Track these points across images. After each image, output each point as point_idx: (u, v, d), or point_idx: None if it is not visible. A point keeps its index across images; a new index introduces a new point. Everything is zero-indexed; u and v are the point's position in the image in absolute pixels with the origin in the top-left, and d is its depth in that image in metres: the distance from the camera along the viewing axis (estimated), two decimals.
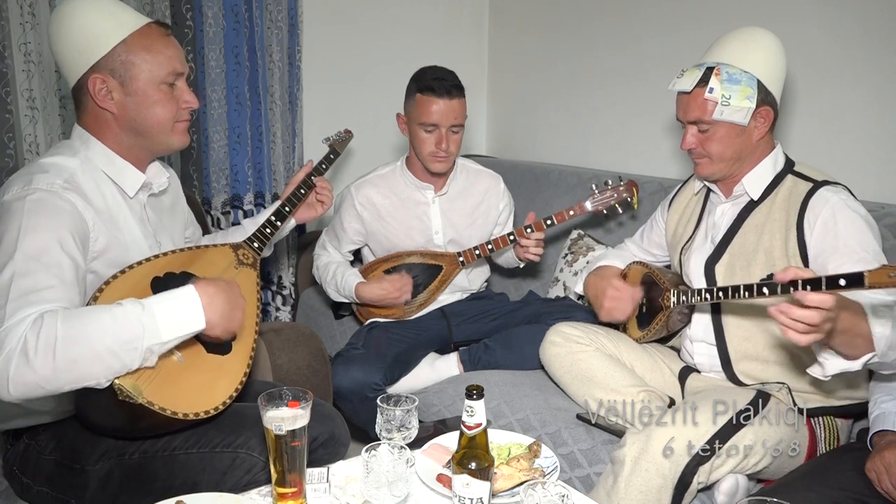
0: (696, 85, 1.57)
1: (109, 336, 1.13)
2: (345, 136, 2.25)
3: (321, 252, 2.36)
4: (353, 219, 2.26)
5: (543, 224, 2.13)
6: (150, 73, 1.36)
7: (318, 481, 1.25)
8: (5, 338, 1.10)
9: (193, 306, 1.22)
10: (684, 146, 1.64)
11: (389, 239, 2.25)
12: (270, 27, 2.65)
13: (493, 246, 2.18)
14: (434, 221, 2.25)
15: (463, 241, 2.28)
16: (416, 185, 2.24)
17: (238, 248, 1.61)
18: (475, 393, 1.11)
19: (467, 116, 2.17)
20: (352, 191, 2.27)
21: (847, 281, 1.12)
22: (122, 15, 1.37)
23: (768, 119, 1.58)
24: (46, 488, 1.36)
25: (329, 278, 2.26)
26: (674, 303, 1.70)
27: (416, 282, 2.21)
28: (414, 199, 2.25)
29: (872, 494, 1.32)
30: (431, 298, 2.25)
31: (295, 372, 2.00)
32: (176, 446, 1.33)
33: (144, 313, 1.17)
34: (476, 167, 2.35)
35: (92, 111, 1.38)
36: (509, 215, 2.39)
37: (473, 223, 2.29)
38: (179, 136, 1.45)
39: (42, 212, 1.23)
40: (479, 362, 2.11)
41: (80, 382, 1.13)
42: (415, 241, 2.25)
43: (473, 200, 2.29)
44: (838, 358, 1.30)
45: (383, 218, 2.24)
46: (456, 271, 2.24)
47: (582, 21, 2.78)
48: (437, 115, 2.09)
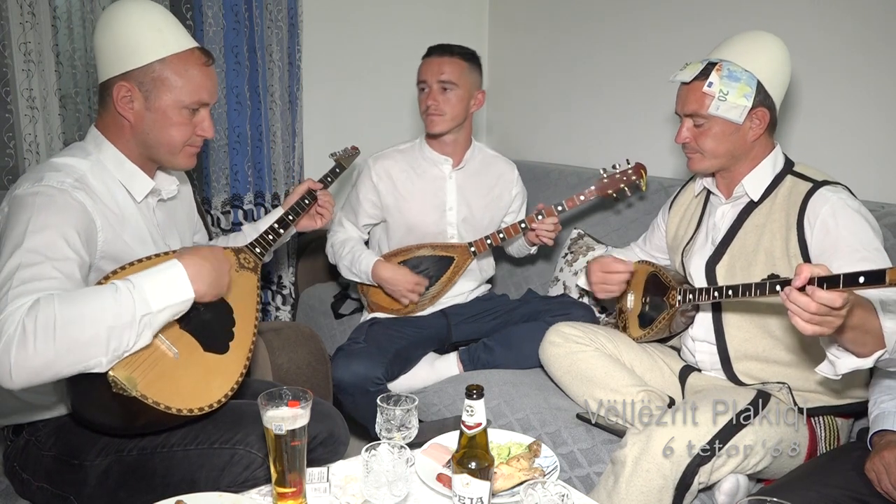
0: (695, 77, 1.58)
1: (107, 312, 1.13)
2: (352, 152, 2.27)
3: (337, 229, 2.36)
4: (370, 190, 2.26)
5: (554, 210, 2.14)
6: (176, 97, 1.38)
7: (318, 481, 1.25)
8: (3, 325, 1.10)
9: (180, 277, 1.23)
10: (678, 139, 1.65)
11: (403, 213, 2.24)
12: (270, 27, 2.65)
13: (505, 234, 2.19)
14: (449, 197, 2.25)
15: (475, 221, 2.28)
16: (434, 158, 2.25)
17: (240, 252, 1.62)
18: (475, 393, 1.11)
19: (481, 91, 2.20)
20: (369, 163, 2.28)
21: (867, 279, 1.11)
22: (168, 33, 1.38)
23: (764, 121, 1.58)
24: (46, 484, 1.36)
25: (345, 253, 2.25)
26: (679, 301, 1.70)
27: (428, 274, 2.22)
28: (431, 173, 2.26)
29: (872, 494, 1.32)
30: (443, 291, 2.25)
31: (295, 372, 2.00)
32: (174, 443, 1.33)
33: (135, 288, 1.18)
34: (492, 152, 2.37)
35: (111, 113, 1.40)
36: (521, 204, 2.40)
37: (487, 205, 2.30)
38: (186, 159, 1.47)
39: (51, 208, 1.25)
40: (479, 361, 2.11)
41: (81, 363, 1.13)
42: (428, 217, 2.25)
43: (488, 182, 2.30)
44: (850, 356, 1.30)
45: (399, 191, 2.24)
46: (468, 262, 2.24)
47: (582, 21, 2.79)
48: (425, 71, 2.16)
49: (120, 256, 1.36)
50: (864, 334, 1.26)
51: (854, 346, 1.28)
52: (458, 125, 2.19)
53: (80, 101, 2.48)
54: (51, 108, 2.30)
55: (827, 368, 1.34)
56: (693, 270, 1.74)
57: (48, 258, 1.20)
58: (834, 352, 1.32)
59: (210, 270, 1.28)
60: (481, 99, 2.22)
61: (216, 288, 1.31)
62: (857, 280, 1.12)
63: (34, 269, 1.18)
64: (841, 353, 1.31)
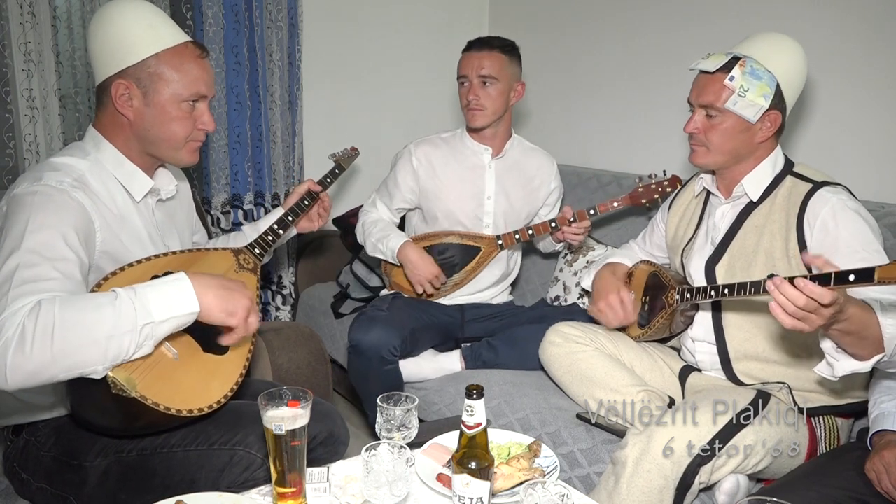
0: (719, 69, 1.56)
1: (107, 320, 1.13)
2: (351, 153, 2.27)
3: (370, 209, 2.37)
4: (409, 174, 2.27)
5: (587, 214, 2.15)
6: (173, 91, 1.38)
7: (318, 481, 1.25)
8: (3, 325, 1.10)
9: (184, 288, 1.21)
10: (688, 128, 1.64)
11: (441, 199, 2.25)
12: (270, 27, 2.65)
13: (534, 232, 2.20)
14: (488, 185, 2.25)
15: (512, 211, 2.28)
16: (474, 148, 2.26)
17: (239, 252, 1.62)
18: (475, 392, 1.11)
19: (520, 83, 2.20)
20: (410, 148, 2.29)
21: (856, 276, 1.11)
22: (161, 28, 1.38)
23: (775, 124, 1.58)
24: (45, 484, 1.36)
25: (375, 231, 2.27)
26: (678, 300, 1.70)
27: (453, 262, 2.23)
28: (471, 161, 2.26)
29: (872, 494, 1.32)
30: (466, 279, 2.25)
31: (295, 371, 2.00)
32: (174, 443, 1.33)
33: (137, 296, 1.17)
34: (531, 145, 2.37)
35: (110, 113, 1.40)
36: (558, 198, 2.40)
37: (525, 196, 2.29)
38: (189, 154, 1.46)
39: (50, 207, 1.24)
40: (481, 359, 2.12)
41: (78, 369, 1.12)
42: (466, 204, 2.25)
43: (528, 174, 2.30)
44: (848, 359, 1.30)
45: (438, 176, 2.25)
46: (494, 254, 2.25)
47: (582, 21, 2.79)
48: (465, 66, 2.16)
49: (118, 256, 1.36)
50: (863, 338, 1.26)
51: (853, 348, 1.28)
52: (498, 118, 2.20)
53: (80, 101, 2.48)
54: (51, 108, 2.30)
55: (825, 369, 1.34)
56: (693, 271, 1.74)
57: (47, 258, 1.19)
58: (832, 353, 1.32)
59: (218, 285, 1.25)
60: (521, 90, 2.22)
61: (225, 301, 1.24)
62: (847, 278, 1.12)
63: (34, 269, 1.17)
64: (840, 355, 1.31)
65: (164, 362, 1.26)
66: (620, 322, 1.85)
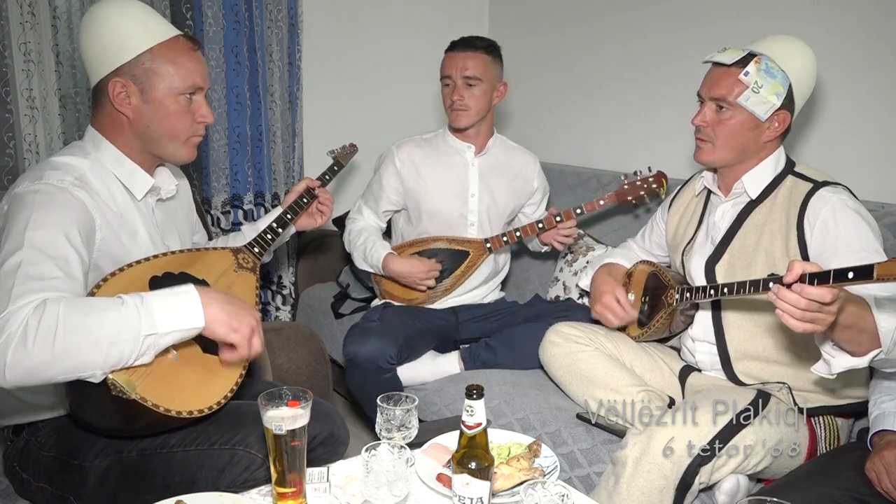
0: (735, 62, 1.56)
1: (110, 326, 1.13)
2: (350, 149, 2.27)
3: (356, 217, 2.37)
4: (392, 176, 2.27)
5: (573, 213, 2.15)
6: (170, 85, 1.38)
7: (318, 481, 1.25)
8: (7, 322, 1.10)
9: (191, 301, 1.21)
10: (696, 121, 1.64)
11: (425, 199, 2.25)
12: (270, 27, 2.65)
13: (522, 233, 2.20)
14: (472, 183, 2.26)
15: (496, 209, 2.29)
16: (457, 145, 2.26)
17: (238, 252, 1.62)
18: (475, 393, 1.11)
19: (503, 83, 2.21)
20: (392, 150, 2.29)
21: (855, 274, 1.11)
22: (152, 24, 1.38)
23: (783, 125, 1.58)
24: (46, 484, 1.36)
25: (360, 243, 2.27)
26: (677, 300, 1.70)
27: (443, 267, 2.23)
28: (454, 160, 2.27)
29: (872, 494, 1.32)
30: (456, 284, 2.26)
31: (295, 371, 2.00)
32: (174, 444, 1.33)
33: (143, 305, 1.17)
34: (514, 144, 2.38)
35: (108, 112, 1.40)
36: (543, 197, 2.40)
37: (509, 193, 2.30)
38: (189, 149, 1.47)
39: (51, 206, 1.24)
40: (480, 360, 2.12)
41: (77, 372, 1.12)
42: (450, 204, 2.25)
43: (511, 171, 2.31)
44: (845, 355, 1.30)
45: (422, 177, 2.25)
46: (483, 258, 2.25)
47: (582, 21, 2.78)
48: (449, 66, 2.16)
49: (118, 255, 1.36)
50: (859, 333, 1.26)
51: (849, 345, 1.28)
52: (481, 118, 2.21)
53: (80, 101, 2.48)
54: (51, 108, 2.30)
55: (822, 368, 1.34)
56: (693, 270, 1.74)
57: (49, 256, 1.19)
58: (829, 351, 1.32)
59: (224, 300, 1.25)
60: (503, 91, 2.23)
61: (230, 316, 1.24)
62: (846, 276, 1.12)
63: (37, 267, 1.17)
64: (836, 352, 1.31)
65: (164, 363, 1.26)
66: (621, 321, 1.85)
